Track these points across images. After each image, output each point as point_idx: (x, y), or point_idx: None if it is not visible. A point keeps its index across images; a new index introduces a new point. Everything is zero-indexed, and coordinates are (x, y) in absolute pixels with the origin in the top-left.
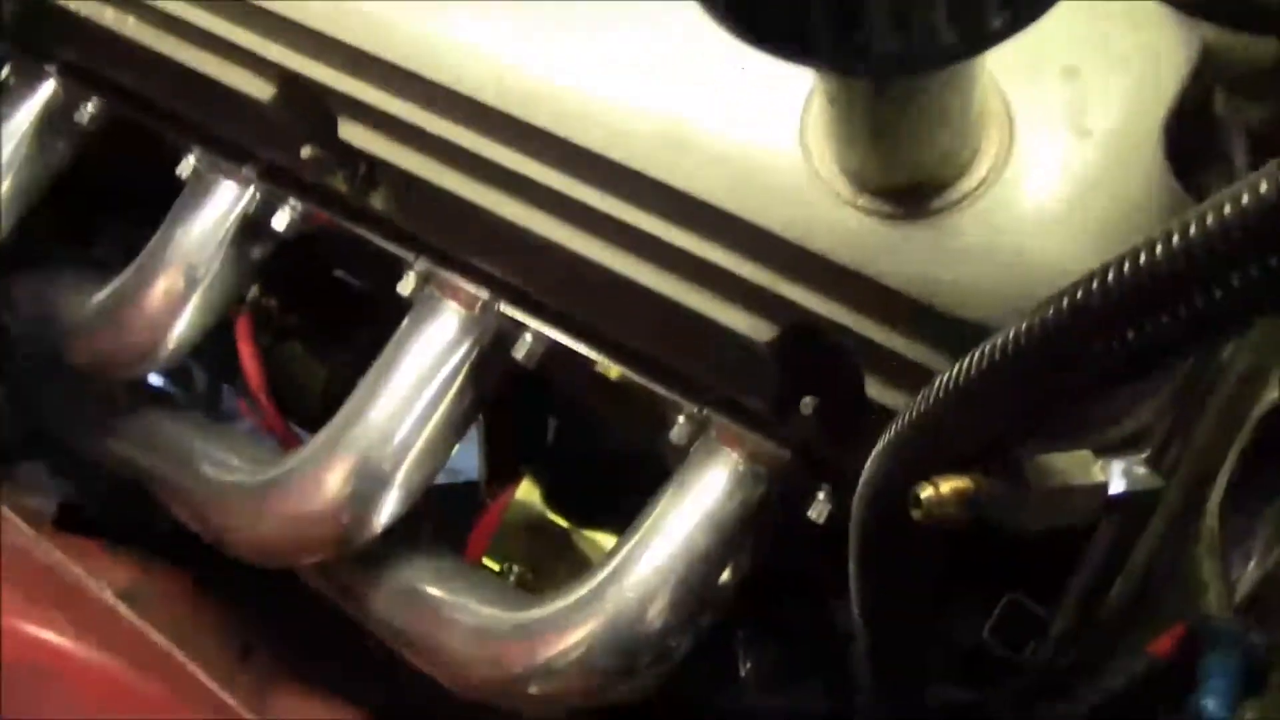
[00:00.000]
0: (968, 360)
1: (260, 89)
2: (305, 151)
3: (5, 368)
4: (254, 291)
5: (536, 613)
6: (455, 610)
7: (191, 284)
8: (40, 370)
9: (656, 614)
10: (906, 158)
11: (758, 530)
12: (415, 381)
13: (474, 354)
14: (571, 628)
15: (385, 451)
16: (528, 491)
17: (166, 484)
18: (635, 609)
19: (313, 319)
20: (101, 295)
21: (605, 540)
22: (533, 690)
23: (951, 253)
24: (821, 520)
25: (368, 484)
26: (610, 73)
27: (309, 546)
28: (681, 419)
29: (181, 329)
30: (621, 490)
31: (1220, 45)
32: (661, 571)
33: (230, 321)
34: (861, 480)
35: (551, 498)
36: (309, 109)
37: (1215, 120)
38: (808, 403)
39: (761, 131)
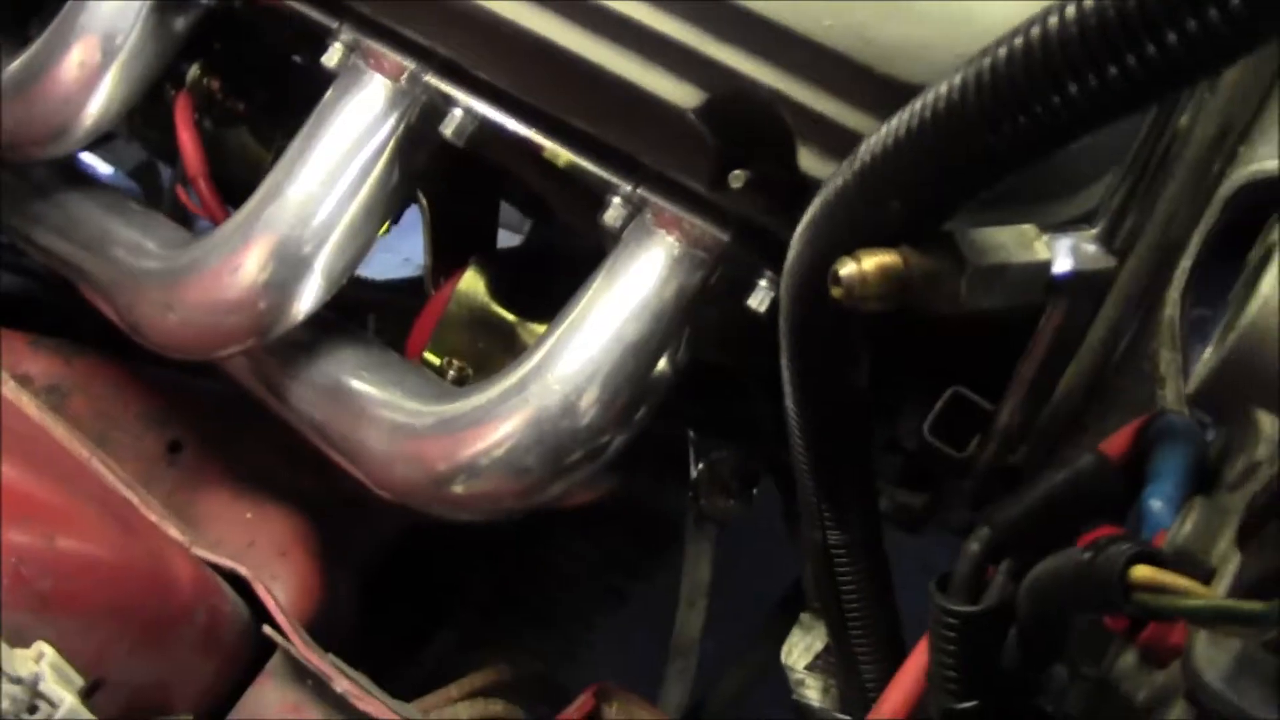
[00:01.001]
0: (895, 121)
1: None
2: None
3: None
4: (195, 71)
5: (455, 407)
6: (377, 405)
7: (109, 55)
8: None
9: (585, 408)
10: None
11: (697, 320)
12: (338, 158)
13: (400, 128)
14: (493, 422)
15: (304, 232)
16: (472, 282)
17: (83, 271)
18: (561, 403)
19: (260, 103)
20: (11, 67)
21: None
22: (457, 490)
23: (894, 9)
24: (763, 309)
25: (286, 267)
26: None
27: (224, 336)
28: (616, 200)
29: (99, 104)
30: (572, 280)
31: None
32: (590, 363)
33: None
34: (787, 260)
35: (498, 289)
36: None
37: None
38: (738, 175)
39: None
